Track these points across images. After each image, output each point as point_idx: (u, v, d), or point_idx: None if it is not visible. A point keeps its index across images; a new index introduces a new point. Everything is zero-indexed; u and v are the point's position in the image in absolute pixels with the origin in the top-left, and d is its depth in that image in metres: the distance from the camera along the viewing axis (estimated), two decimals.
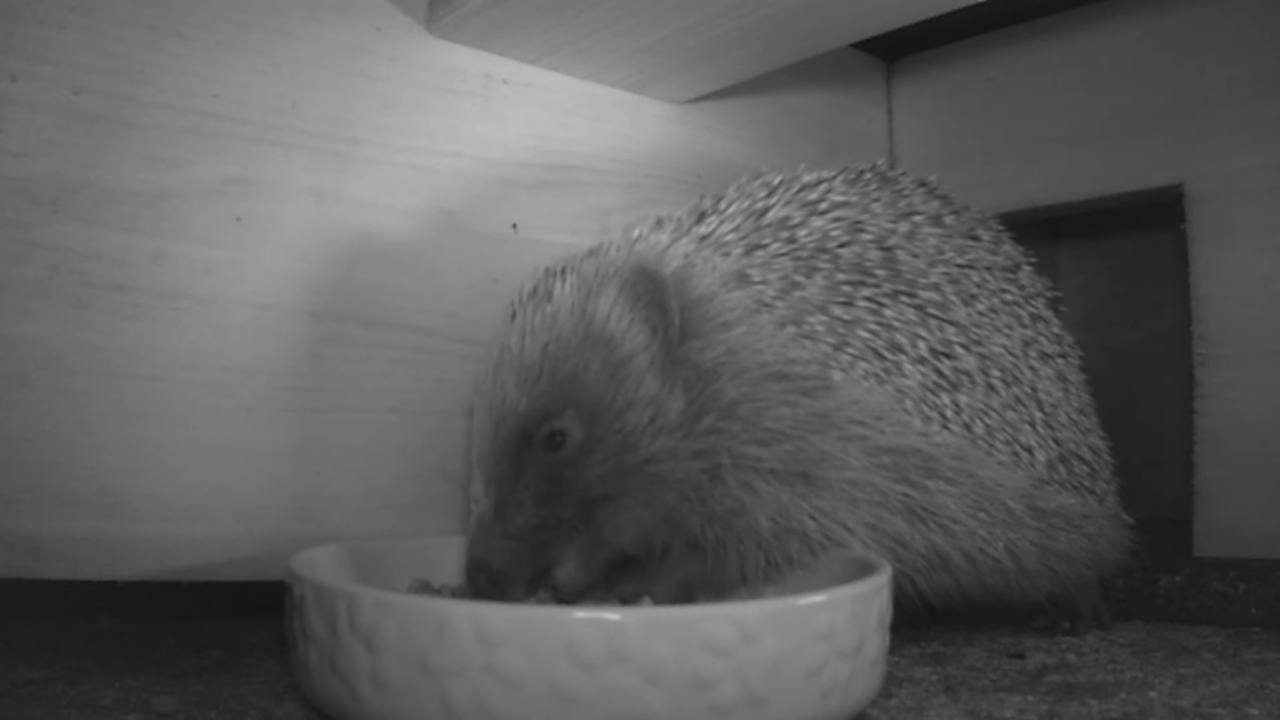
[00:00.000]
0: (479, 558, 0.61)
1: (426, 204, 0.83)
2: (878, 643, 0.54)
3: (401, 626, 0.47)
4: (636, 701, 0.46)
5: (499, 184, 0.87)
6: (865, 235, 0.70)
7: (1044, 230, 1.33)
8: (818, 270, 0.67)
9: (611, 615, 0.47)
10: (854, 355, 0.65)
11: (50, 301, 0.67)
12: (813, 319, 0.65)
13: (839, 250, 0.68)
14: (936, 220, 0.74)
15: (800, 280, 0.66)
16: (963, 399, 0.69)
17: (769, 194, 0.71)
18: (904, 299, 0.68)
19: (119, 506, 0.68)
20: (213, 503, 0.72)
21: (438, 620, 0.46)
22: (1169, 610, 0.88)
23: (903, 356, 0.67)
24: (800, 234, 0.68)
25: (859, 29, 0.85)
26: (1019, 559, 0.70)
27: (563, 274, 0.65)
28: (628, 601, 0.64)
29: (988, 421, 0.69)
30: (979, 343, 0.70)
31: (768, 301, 0.65)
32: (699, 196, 0.73)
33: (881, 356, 0.66)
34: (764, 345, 0.63)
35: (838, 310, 0.66)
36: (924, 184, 0.78)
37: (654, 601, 0.63)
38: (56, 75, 0.67)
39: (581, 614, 0.47)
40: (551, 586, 0.64)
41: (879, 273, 0.68)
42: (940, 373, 0.68)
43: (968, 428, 0.68)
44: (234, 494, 0.73)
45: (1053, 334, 0.78)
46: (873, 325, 0.66)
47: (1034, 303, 0.78)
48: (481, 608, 0.48)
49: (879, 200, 0.73)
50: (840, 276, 0.67)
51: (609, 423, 0.61)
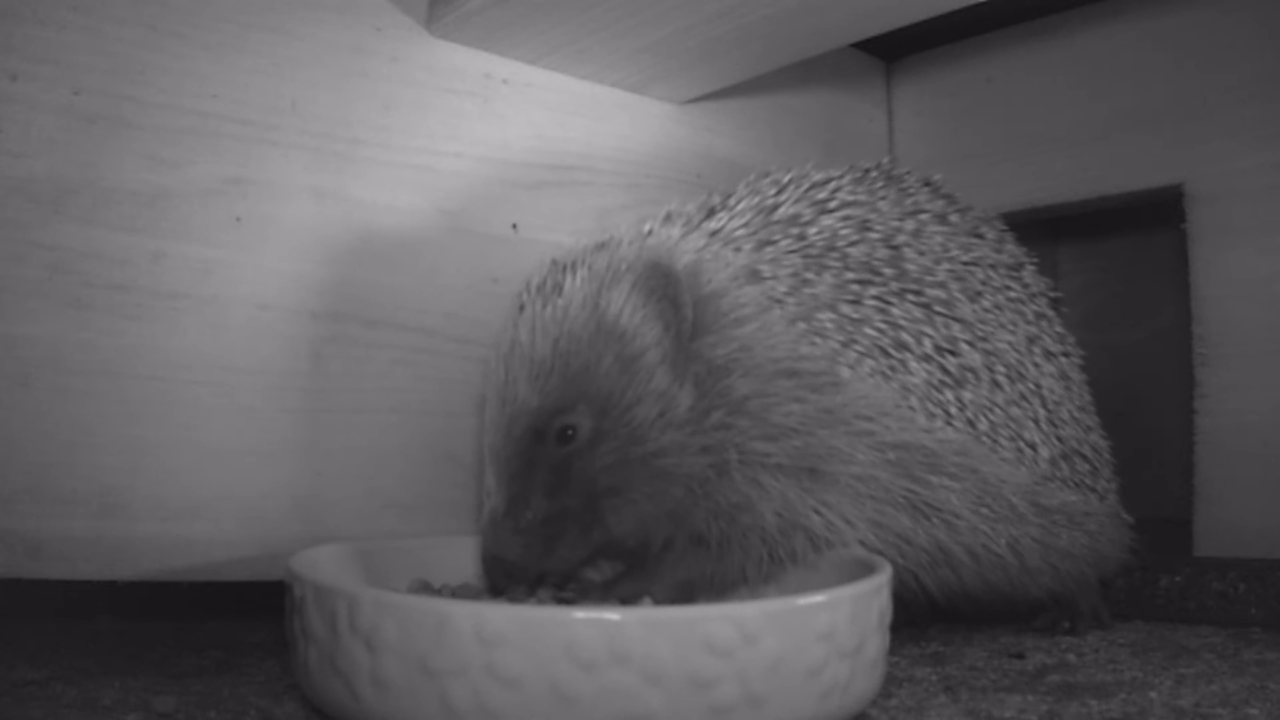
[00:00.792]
0: (493, 552, 0.62)
1: (426, 204, 0.83)
2: (878, 643, 0.54)
3: (401, 626, 0.47)
4: (636, 701, 0.46)
5: (499, 184, 0.87)
6: (873, 234, 0.70)
7: (1044, 230, 1.33)
8: (827, 268, 0.67)
9: (611, 615, 0.47)
10: (861, 353, 0.66)
11: (50, 301, 0.67)
12: (822, 316, 0.65)
13: (848, 249, 0.68)
14: (942, 218, 0.75)
15: (810, 278, 0.66)
16: (967, 395, 0.69)
17: (779, 191, 0.72)
18: (910, 297, 0.69)
19: (119, 506, 0.68)
20: (213, 503, 0.72)
21: (438, 620, 0.46)
22: (1169, 610, 0.88)
23: (908, 354, 0.67)
24: (810, 232, 0.69)
25: (859, 29, 0.85)
26: (1021, 555, 0.70)
27: (573, 267, 0.65)
28: (628, 601, 0.64)
29: (991, 418, 0.70)
30: (984, 339, 0.71)
31: (778, 298, 0.65)
32: (707, 193, 0.73)
33: (888, 354, 0.66)
34: (775, 342, 0.63)
35: (846, 309, 0.66)
36: (929, 183, 0.78)
37: (654, 601, 0.63)
38: (56, 75, 0.67)
39: (581, 614, 0.47)
40: (555, 585, 0.65)
41: (886, 271, 0.69)
42: (945, 369, 0.68)
43: (971, 424, 0.69)
44: (234, 494, 0.73)
45: (1055, 333, 0.79)
46: (880, 324, 0.67)
47: (1037, 301, 0.78)
48: (481, 608, 0.48)
49: (885, 198, 0.73)
50: (849, 275, 0.67)
51: (618, 416, 0.62)
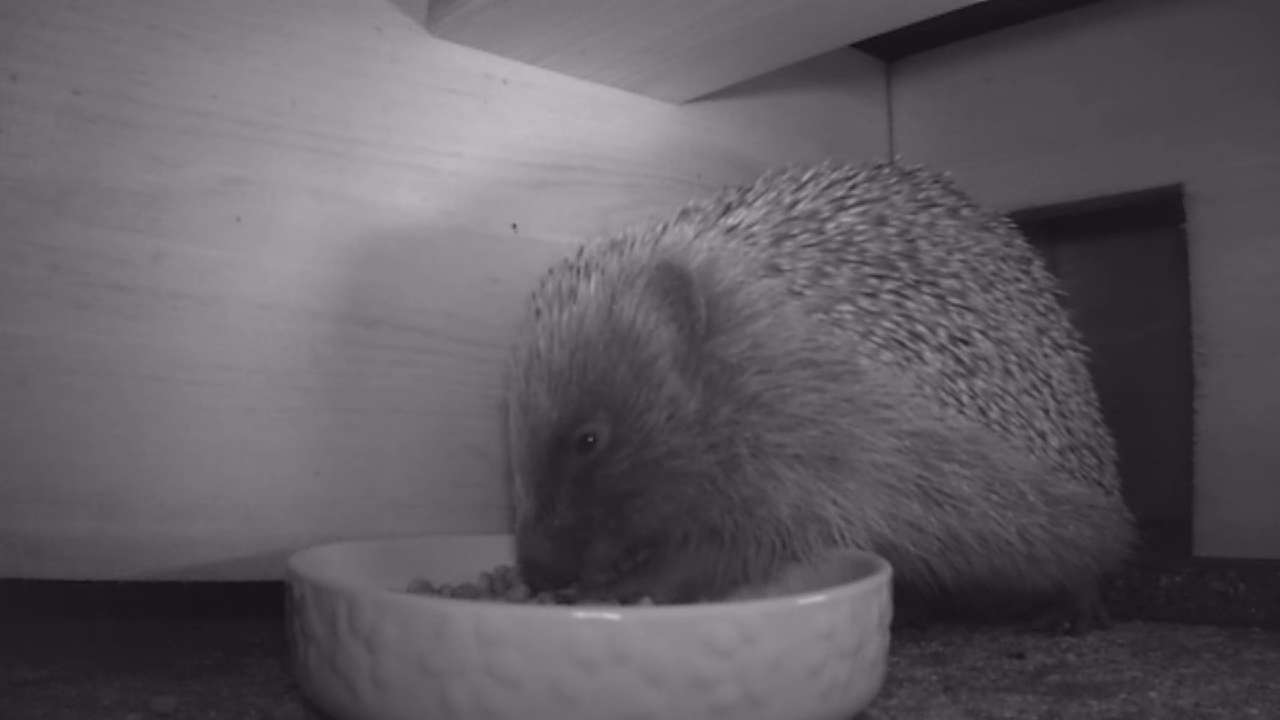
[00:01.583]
0: (529, 557, 0.64)
1: (426, 204, 0.83)
2: (878, 643, 0.54)
3: (401, 626, 0.47)
4: (636, 701, 0.46)
5: (499, 184, 0.87)
6: (888, 229, 0.71)
7: (1044, 230, 1.33)
8: (845, 262, 0.68)
9: (611, 615, 0.47)
10: (878, 344, 0.66)
11: (50, 301, 0.67)
12: (841, 308, 0.66)
13: (865, 244, 0.69)
14: (954, 212, 0.76)
15: (830, 271, 0.67)
16: (979, 384, 0.70)
17: (798, 188, 0.72)
18: (926, 288, 0.70)
19: (119, 506, 0.68)
20: (213, 503, 0.72)
21: (438, 620, 0.46)
22: (1169, 610, 0.88)
23: (923, 345, 0.68)
24: (829, 227, 0.69)
25: (859, 29, 0.85)
26: (1030, 543, 0.71)
27: (587, 271, 0.65)
28: (628, 601, 0.64)
29: (1003, 406, 0.70)
30: (996, 328, 0.72)
31: (798, 290, 0.66)
32: (724, 189, 0.74)
33: (904, 346, 0.67)
34: (791, 334, 0.64)
35: (864, 302, 0.67)
36: (939, 179, 0.79)
37: (654, 602, 0.64)
38: (56, 75, 0.67)
39: (581, 614, 0.47)
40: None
41: (902, 265, 0.70)
42: (958, 359, 0.69)
43: (983, 412, 0.69)
44: (234, 494, 0.73)
45: (1064, 327, 0.80)
46: (896, 317, 0.68)
47: (1045, 295, 0.79)
48: (481, 608, 0.48)
49: (900, 193, 0.74)
50: (867, 269, 0.68)
51: (631, 422, 0.63)
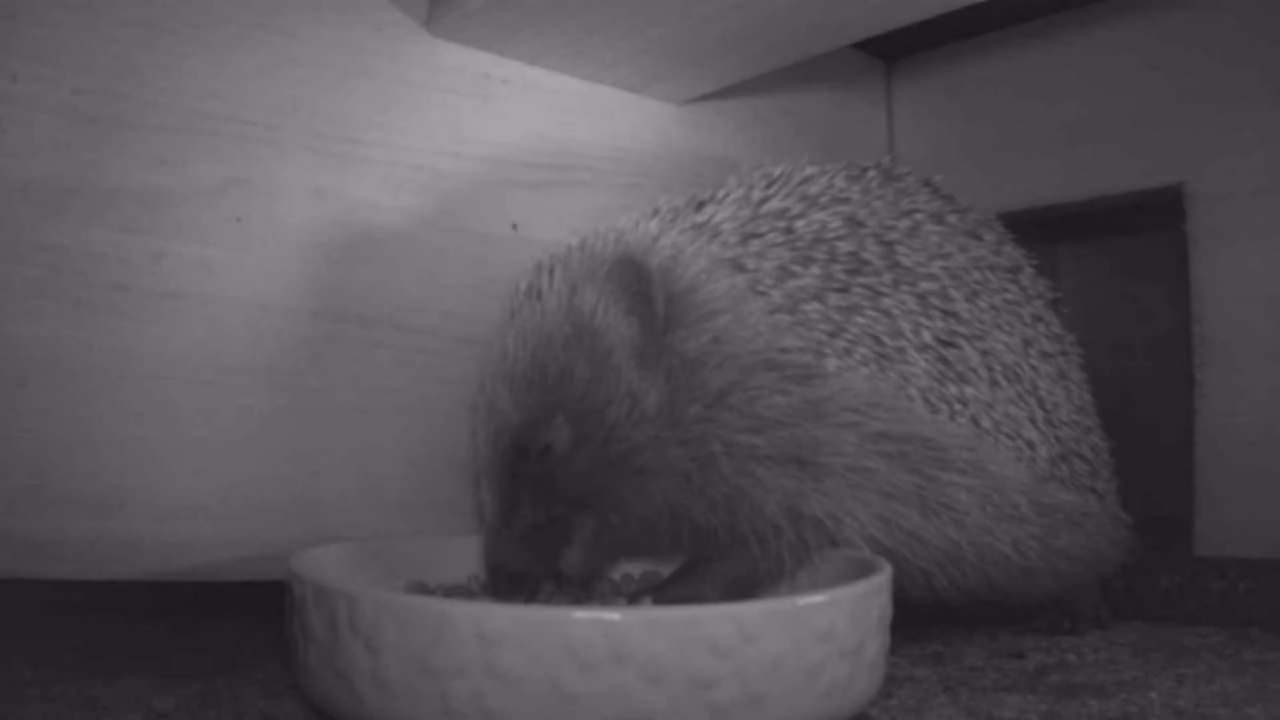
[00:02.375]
0: (495, 562, 0.63)
1: (426, 204, 0.83)
2: (878, 643, 0.54)
3: (401, 626, 0.47)
4: (636, 701, 0.46)
5: (499, 184, 0.87)
6: (864, 230, 0.69)
7: (1044, 230, 1.33)
8: (814, 260, 0.66)
9: (611, 615, 0.47)
10: (851, 341, 0.65)
11: (50, 301, 0.67)
12: (808, 306, 0.65)
13: (836, 242, 0.68)
14: (939, 218, 0.74)
15: (796, 270, 0.66)
16: (969, 391, 0.69)
17: (769, 185, 0.71)
18: (904, 288, 0.68)
19: (119, 506, 0.68)
20: (213, 503, 0.72)
21: (438, 620, 0.46)
22: (1169, 610, 0.88)
23: (905, 343, 0.67)
24: (798, 225, 0.68)
25: (859, 29, 0.85)
26: (1024, 555, 0.70)
27: (551, 270, 0.65)
28: (633, 600, 0.64)
29: (993, 415, 0.70)
30: (980, 337, 0.70)
31: (763, 290, 0.64)
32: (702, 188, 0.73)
33: (881, 342, 0.66)
34: (753, 333, 0.63)
35: (834, 298, 0.65)
36: (928, 184, 0.77)
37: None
38: (56, 75, 0.67)
39: (581, 614, 0.47)
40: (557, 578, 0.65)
41: (878, 263, 0.68)
42: (946, 361, 0.68)
43: (975, 421, 0.68)
44: (234, 494, 0.73)
45: (1053, 334, 0.78)
46: (870, 312, 0.66)
47: (1034, 304, 0.78)
48: (482, 608, 0.48)
49: (881, 197, 0.72)
50: (837, 266, 0.67)
51: (593, 419, 0.62)
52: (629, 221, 0.69)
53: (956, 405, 0.68)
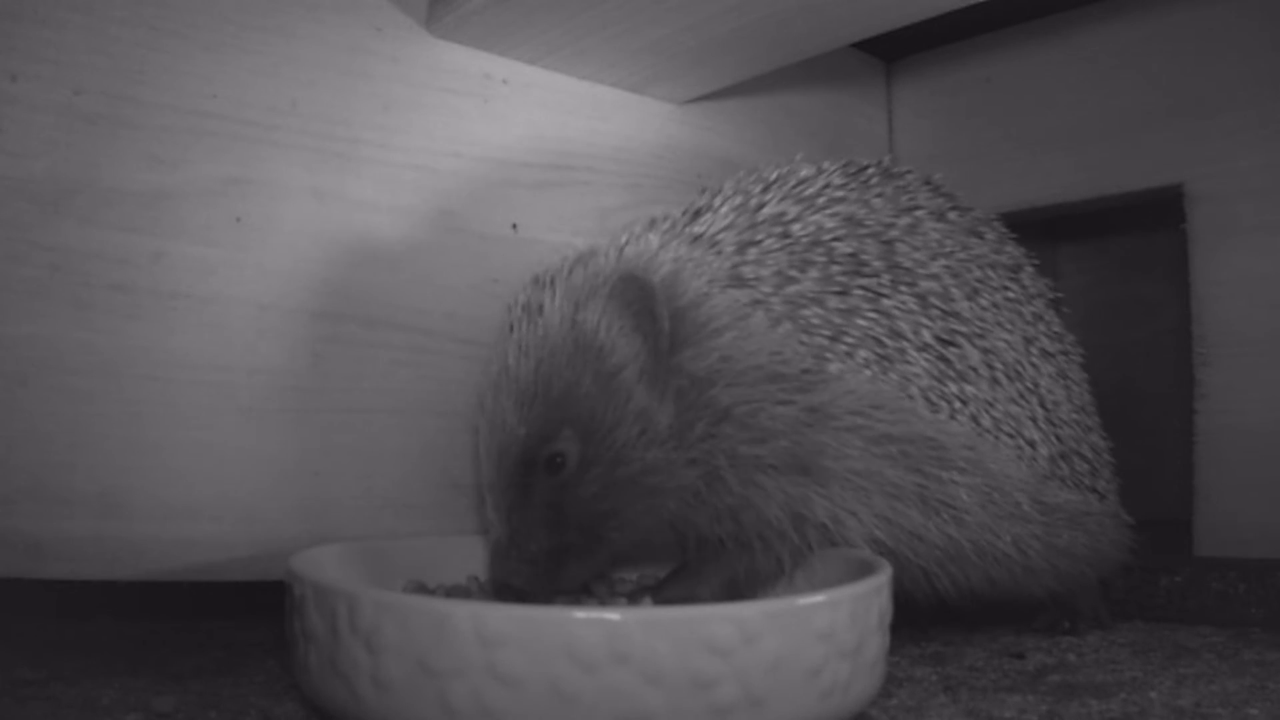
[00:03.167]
0: (502, 580, 0.62)
1: (426, 204, 0.83)
2: (878, 643, 0.54)
3: (401, 626, 0.47)
4: (636, 701, 0.46)
5: (499, 184, 0.87)
6: (863, 229, 0.69)
7: (1044, 230, 1.33)
8: (812, 264, 0.66)
9: (611, 615, 0.47)
10: (852, 343, 0.65)
11: (50, 301, 0.67)
12: (807, 312, 0.64)
13: (834, 244, 0.68)
14: (940, 216, 0.74)
15: (794, 275, 0.65)
16: (970, 390, 0.69)
17: (764, 189, 0.71)
18: (904, 288, 0.68)
19: (119, 506, 0.68)
20: (213, 503, 0.72)
21: (438, 620, 0.46)
22: (1169, 610, 0.88)
23: (905, 343, 0.66)
24: (795, 228, 0.68)
25: (859, 29, 0.85)
26: (1025, 554, 0.70)
27: (552, 284, 0.64)
28: (631, 600, 0.64)
29: (993, 414, 0.69)
30: (981, 336, 0.70)
31: (762, 299, 0.64)
32: (698, 193, 0.73)
33: (882, 344, 0.66)
34: (757, 347, 0.63)
35: (834, 301, 0.65)
36: (929, 182, 0.77)
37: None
38: (56, 75, 0.67)
39: (581, 614, 0.47)
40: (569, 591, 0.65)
41: (876, 264, 0.68)
42: (946, 360, 0.68)
43: (975, 420, 0.68)
44: (234, 494, 0.73)
45: (1053, 333, 0.78)
46: (870, 313, 0.66)
47: (1035, 302, 0.78)
48: (482, 608, 0.48)
49: (881, 195, 0.72)
50: (835, 268, 0.67)
51: (601, 439, 0.61)
52: (628, 234, 0.69)
53: (957, 403, 0.68)
